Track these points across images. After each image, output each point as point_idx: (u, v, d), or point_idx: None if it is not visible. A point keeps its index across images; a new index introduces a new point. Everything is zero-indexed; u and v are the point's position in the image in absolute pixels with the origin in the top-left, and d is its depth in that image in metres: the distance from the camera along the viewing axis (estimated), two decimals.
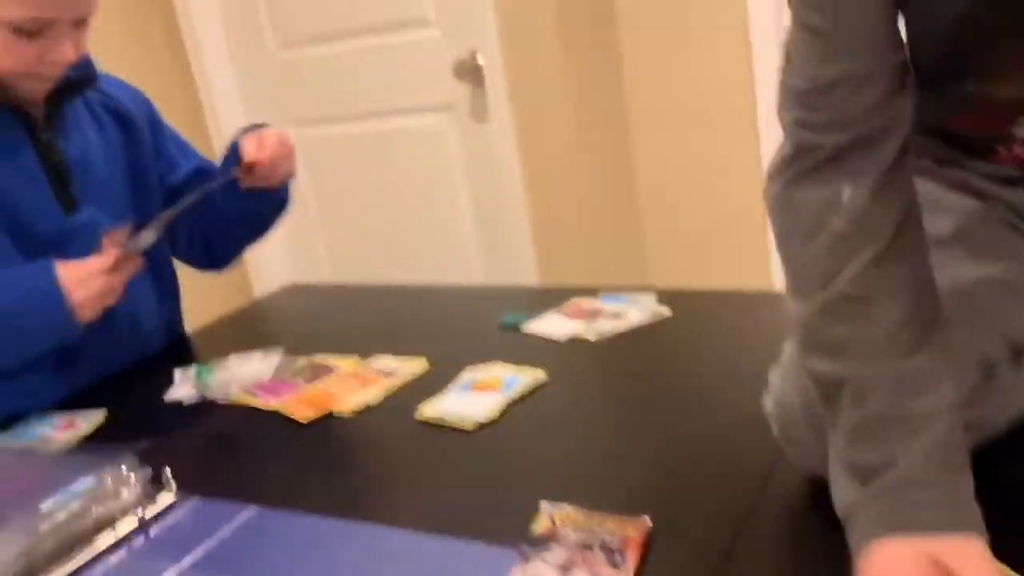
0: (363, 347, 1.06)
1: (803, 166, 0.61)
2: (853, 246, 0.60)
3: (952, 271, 0.63)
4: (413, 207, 2.47)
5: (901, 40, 0.59)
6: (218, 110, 2.61)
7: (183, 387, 1.06)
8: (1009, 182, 0.68)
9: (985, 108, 0.64)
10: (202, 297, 1.44)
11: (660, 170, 2.29)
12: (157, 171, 1.17)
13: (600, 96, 2.22)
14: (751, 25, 2.06)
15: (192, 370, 1.09)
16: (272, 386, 1.02)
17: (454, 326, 1.12)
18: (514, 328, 1.05)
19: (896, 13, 0.58)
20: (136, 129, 1.14)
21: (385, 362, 1.02)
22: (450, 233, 2.43)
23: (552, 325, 1.04)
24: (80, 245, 1.01)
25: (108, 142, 1.11)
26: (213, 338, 1.24)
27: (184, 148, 1.24)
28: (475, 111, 2.28)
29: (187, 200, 1.05)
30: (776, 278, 2.13)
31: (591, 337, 0.99)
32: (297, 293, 1.39)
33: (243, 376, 1.05)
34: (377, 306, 1.27)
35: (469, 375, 0.95)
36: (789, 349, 0.67)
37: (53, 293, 0.95)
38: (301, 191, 2.64)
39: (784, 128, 0.64)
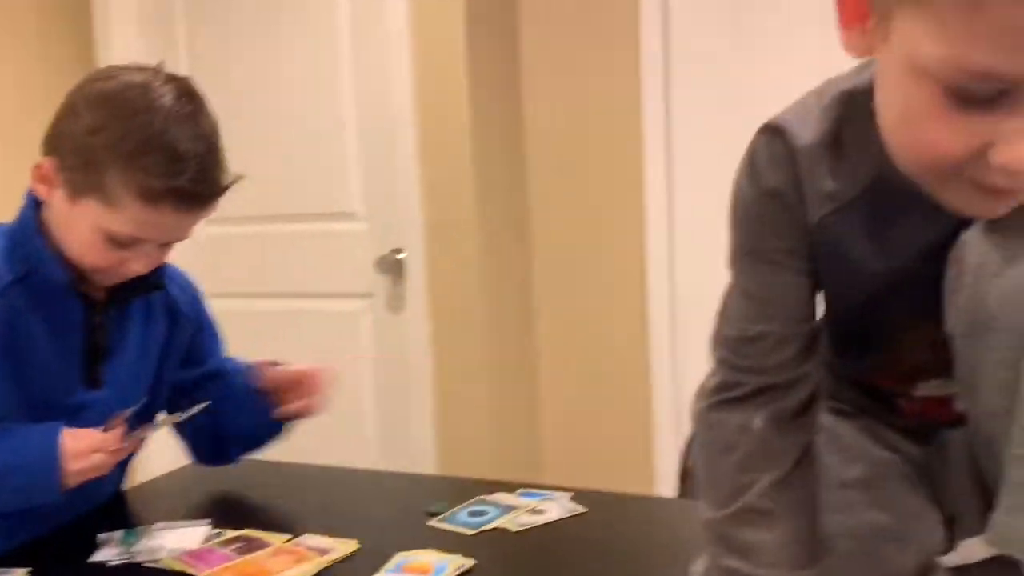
0: (292, 524, 1.11)
1: (725, 396, 0.75)
2: (759, 467, 0.73)
3: (853, 513, 0.76)
4: None
5: (814, 312, 0.74)
6: None
7: (109, 549, 1.07)
8: (911, 434, 0.81)
9: (891, 372, 0.78)
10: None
11: (562, 374, 2.46)
12: (177, 367, 1.22)
13: (512, 297, 2.41)
14: (648, 251, 2.32)
15: (118, 534, 1.11)
16: (202, 555, 1.04)
17: (381, 510, 1.18)
18: (440, 516, 1.13)
19: (814, 293, 0.74)
20: (180, 328, 1.20)
21: (317, 540, 1.07)
22: (349, 416, 2.48)
23: (475, 515, 1.12)
24: (89, 419, 1.04)
25: (151, 335, 1.15)
26: (139, 502, 1.25)
27: (211, 345, 1.30)
28: (391, 301, 2.41)
29: (202, 406, 1.10)
30: (658, 483, 2.28)
31: (513, 528, 1.08)
32: (196, 472, 1.41)
33: (171, 543, 1.07)
34: (304, 484, 1.31)
35: (400, 559, 1.01)
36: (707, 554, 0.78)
37: (50, 459, 0.97)
38: None
39: (714, 361, 0.78)
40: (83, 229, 1.00)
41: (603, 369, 2.39)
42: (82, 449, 0.99)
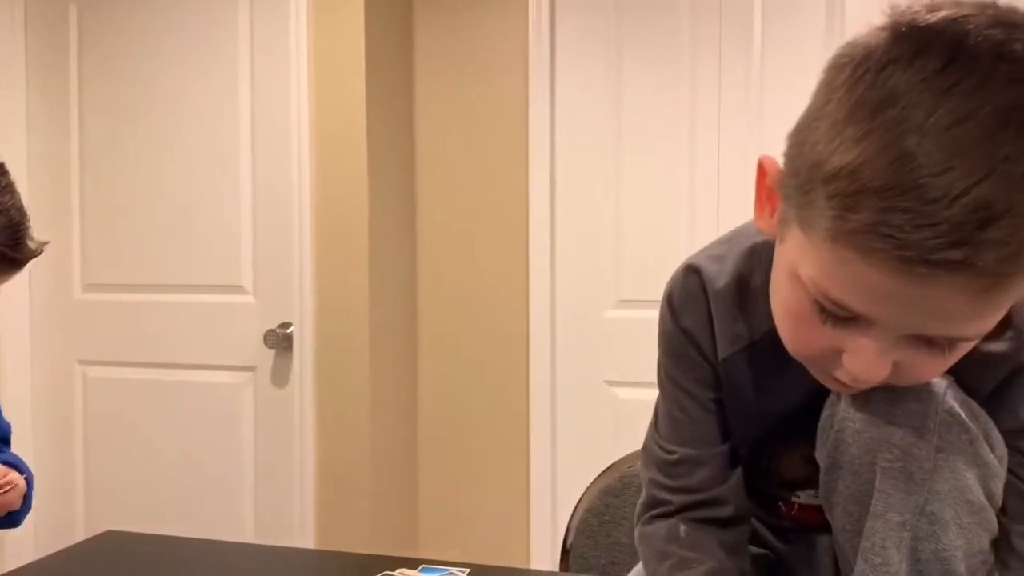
0: None
1: (655, 512, 0.84)
2: (694, 562, 0.80)
3: None
4: (191, 460, 2.49)
5: (728, 434, 0.82)
6: (3, 336, 2.56)
7: None
8: (783, 534, 0.91)
9: (774, 481, 0.88)
10: None
11: (443, 453, 2.54)
12: None
13: (399, 378, 2.47)
14: (532, 339, 2.44)
15: None
16: None
17: None
18: None
19: (725, 419, 0.82)
20: None
21: None
22: (227, 489, 2.46)
23: None
24: None
25: None
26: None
27: None
28: (275, 375, 2.43)
29: None
30: (534, 561, 2.37)
31: None
32: (114, 540, 1.40)
33: None
34: (201, 559, 1.33)
35: None
36: None
37: None
38: (69, 429, 2.58)
39: (644, 481, 0.86)
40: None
41: (484, 450, 2.47)
42: None
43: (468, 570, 1.25)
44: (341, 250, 2.31)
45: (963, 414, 0.68)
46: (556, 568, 1.92)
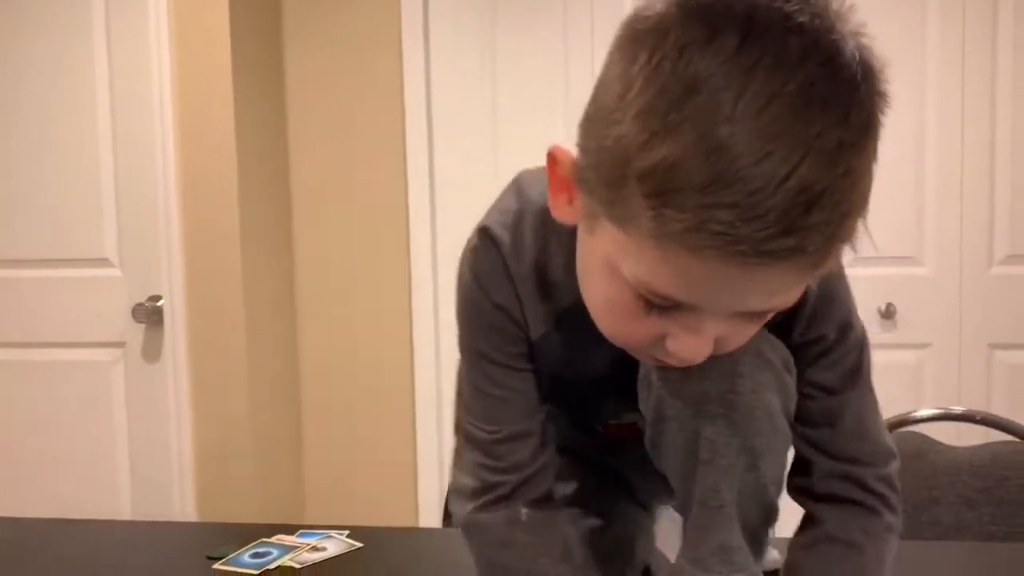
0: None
1: (488, 497, 0.80)
2: (542, 551, 0.80)
3: (579, 523, 0.89)
4: (62, 440, 2.40)
5: (545, 399, 0.82)
6: None
7: None
8: (605, 448, 0.96)
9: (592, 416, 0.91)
10: None
11: (325, 417, 2.53)
12: None
13: (276, 344, 2.44)
14: (413, 293, 2.45)
15: None
16: None
17: (161, 558, 1.20)
18: (223, 559, 1.18)
19: (541, 385, 0.81)
20: None
21: None
22: (102, 468, 2.38)
23: (258, 557, 1.18)
24: None
25: None
26: None
27: None
28: (147, 350, 2.35)
29: None
30: (422, 519, 2.40)
31: (295, 566, 1.15)
32: None
33: None
34: (68, 539, 1.29)
35: None
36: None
37: None
38: None
39: (466, 467, 0.82)
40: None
41: (369, 415, 2.48)
42: None
43: (347, 531, 1.27)
44: (210, 219, 2.26)
45: (767, 351, 0.73)
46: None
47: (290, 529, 1.28)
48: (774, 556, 0.92)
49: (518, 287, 0.76)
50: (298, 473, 2.50)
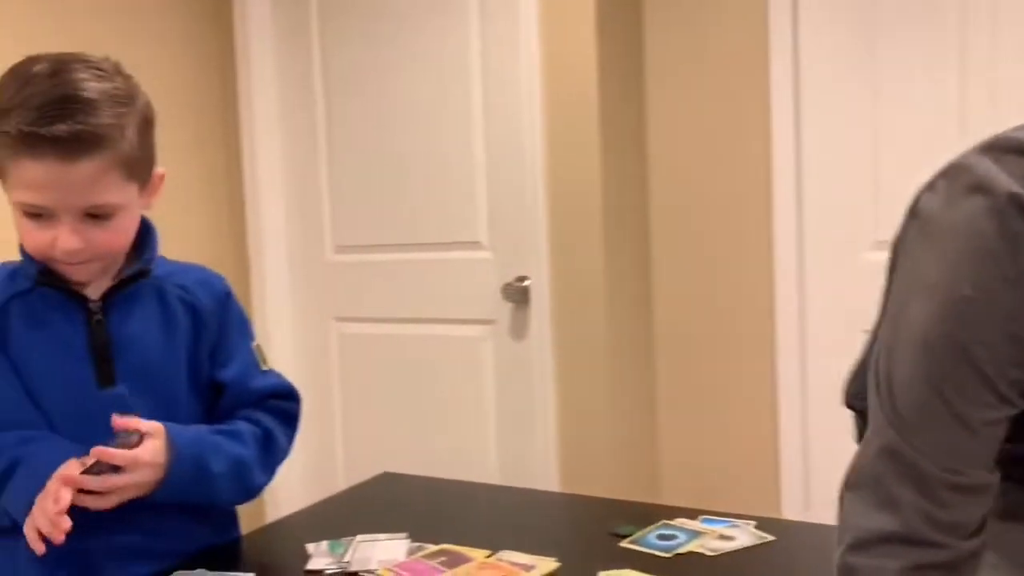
0: (486, 539, 1.16)
1: (918, 559, 0.61)
2: None
3: None
4: (437, 408, 2.59)
5: None
6: (267, 299, 2.77)
7: (320, 558, 1.14)
8: None
9: None
10: None
11: (682, 405, 2.48)
12: (208, 365, 1.19)
13: (634, 326, 2.44)
14: (776, 270, 2.33)
15: (324, 544, 1.18)
16: (412, 567, 1.10)
17: (569, 530, 1.23)
18: (629, 538, 1.17)
19: None
20: (203, 323, 1.18)
21: (517, 557, 1.12)
22: (472, 440, 2.54)
23: (665, 539, 1.16)
24: (102, 416, 1.04)
25: (172, 332, 1.15)
26: (337, 512, 1.32)
27: (236, 348, 1.21)
28: (514, 328, 2.47)
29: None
30: (786, 509, 2.28)
31: (707, 553, 1.11)
32: (392, 482, 1.48)
33: (379, 554, 1.14)
34: (481, 501, 1.37)
35: None
36: None
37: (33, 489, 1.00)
38: (328, 381, 2.77)
39: (892, 502, 0.63)
40: (15, 214, 1.04)
41: (727, 397, 2.40)
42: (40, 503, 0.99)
43: (754, 522, 1.20)
44: (575, 204, 2.31)
45: None
46: (807, 515, 1.83)
47: (690, 513, 1.24)
48: None
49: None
50: (652, 450, 2.49)
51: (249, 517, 2.97)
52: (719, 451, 2.42)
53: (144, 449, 1.04)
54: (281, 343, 2.80)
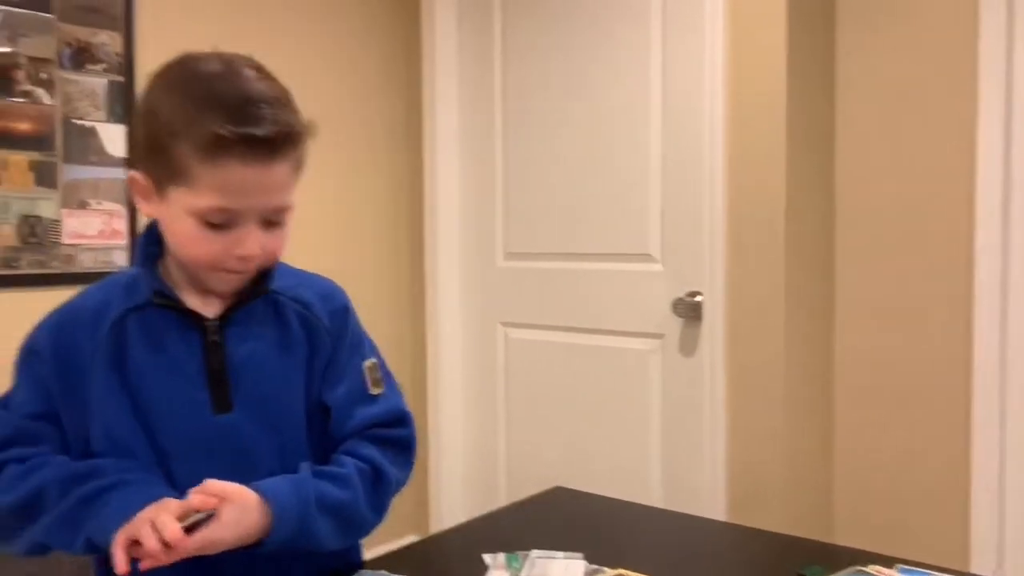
0: (660, 567, 1.13)
1: None
2: None
3: None
4: (601, 421, 2.57)
5: None
6: (439, 302, 2.85)
7: (498, 571, 1.14)
8: None
9: None
10: None
11: (859, 438, 2.35)
12: (319, 384, 1.11)
13: (814, 347, 2.33)
14: (975, 306, 2.15)
15: (501, 557, 1.18)
16: None
17: (746, 566, 1.17)
18: None
19: None
20: (320, 341, 1.10)
21: None
22: (633, 456, 2.50)
23: None
24: (215, 444, 1.01)
25: (290, 350, 1.08)
26: (509, 524, 1.33)
27: (345, 368, 1.11)
28: (684, 344, 2.41)
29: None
30: (975, 561, 2.10)
31: None
32: (564, 497, 1.48)
33: (556, 573, 1.13)
34: (654, 525, 1.34)
35: None
36: None
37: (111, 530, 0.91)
38: (493, 386, 2.80)
39: None
40: (181, 223, 0.97)
41: (911, 431, 2.25)
42: (132, 535, 0.89)
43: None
44: (755, 217, 2.22)
45: None
46: (999, 574, 1.68)
47: (885, 560, 1.16)
48: None
49: None
50: (828, 481, 2.37)
51: (413, 519, 3.09)
52: (901, 487, 2.26)
53: (224, 527, 0.93)
54: (451, 345, 2.87)
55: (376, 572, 1.13)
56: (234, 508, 0.94)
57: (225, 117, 0.90)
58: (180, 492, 0.95)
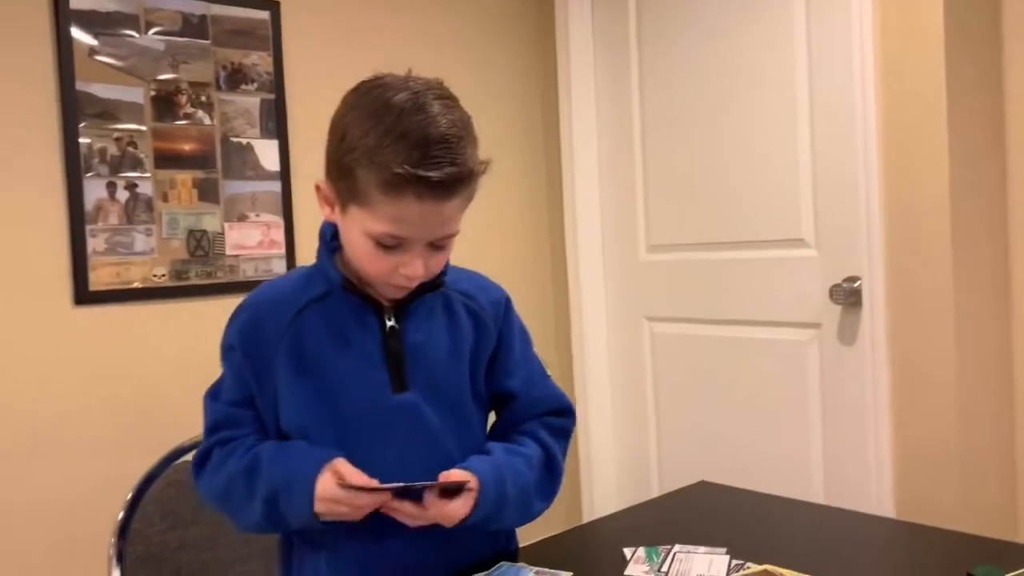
0: (808, 564, 1.07)
1: None
2: None
3: None
4: (756, 415, 2.47)
5: None
6: (583, 298, 2.83)
7: (638, 565, 1.12)
8: None
9: None
10: None
11: None
12: (492, 373, 1.19)
13: (987, 332, 2.15)
14: None
15: (642, 551, 1.15)
16: None
17: (907, 566, 1.09)
18: None
19: None
20: (485, 330, 1.18)
21: None
22: (792, 453, 2.39)
23: None
24: (401, 420, 1.09)
25: (458, 339, 1.15)
26: (653, 518, 1.30)
27: (522, 356, 1.22)
28: (843, 333, 2.28)
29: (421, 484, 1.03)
30: None
31: None
32: (709, 492, 1.43)
33: (697, 569, 1.09)
34: (804, 520, 1.27)
35: None
36: None
37: (303, 500, 1.01)
38: (640, 382, 2.76)
39: None
40: (356, 239, 1.03)
41: None
42: (328, 496, 1.01)
43: None
44: (915, 200, 2.07)
45: None
46: None
47: None
48: None
49: None
50: (1009, 482, 2.17)
51: (566, 516, 3.09)
52: None
53: (457, 506, 1.04)
54: (596, 342, 2.85)
55: (515, 565, 1.13)
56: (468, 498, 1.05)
57: (405, 157, 0.95)
58: (362, 469, 1.04)
